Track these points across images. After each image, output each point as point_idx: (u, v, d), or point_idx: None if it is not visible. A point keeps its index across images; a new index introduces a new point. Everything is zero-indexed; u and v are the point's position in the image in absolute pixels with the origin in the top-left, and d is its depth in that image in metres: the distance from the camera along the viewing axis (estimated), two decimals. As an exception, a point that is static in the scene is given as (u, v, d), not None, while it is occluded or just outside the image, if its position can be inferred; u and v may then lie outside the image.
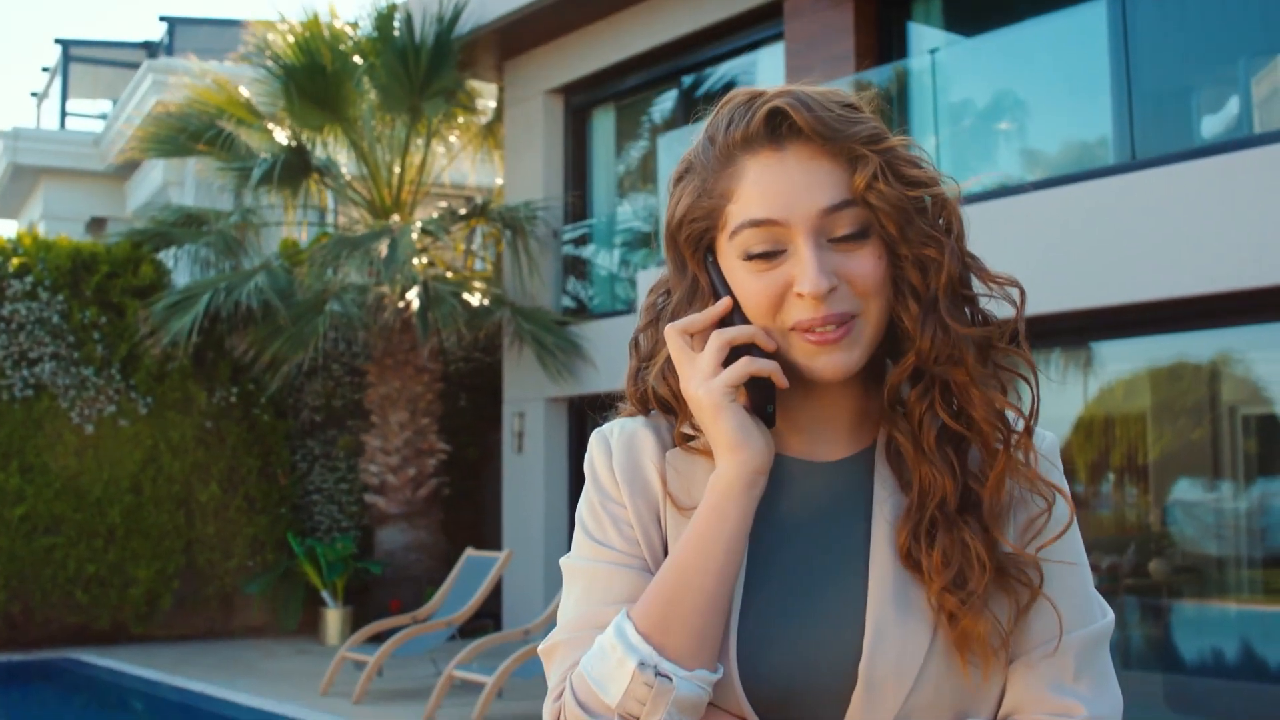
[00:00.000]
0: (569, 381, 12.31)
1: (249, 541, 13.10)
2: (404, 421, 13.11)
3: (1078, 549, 1.45)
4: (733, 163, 1.40)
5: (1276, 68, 7.43)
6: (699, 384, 1.38)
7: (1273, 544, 7.74)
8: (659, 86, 12.77)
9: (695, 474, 1.44)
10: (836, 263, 1.36)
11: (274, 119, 13.38)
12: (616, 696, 1.30)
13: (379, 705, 9.18)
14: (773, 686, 1.35)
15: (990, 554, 1.35)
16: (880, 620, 1.35)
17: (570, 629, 1.41)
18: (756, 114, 1.39)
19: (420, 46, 12.65)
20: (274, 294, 12.08)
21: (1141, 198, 7.18)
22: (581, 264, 13.31)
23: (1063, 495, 1.41)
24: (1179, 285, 7.01)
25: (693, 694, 1.30)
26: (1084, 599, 1.43)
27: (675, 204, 1.46)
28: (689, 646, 1.31)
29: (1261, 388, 7.87)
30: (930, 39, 10.16)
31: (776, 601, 1.39)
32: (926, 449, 1.39)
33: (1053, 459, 1.46)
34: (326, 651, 11.93)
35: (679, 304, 1.46)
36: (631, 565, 1.42)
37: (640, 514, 1.44)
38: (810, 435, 1.47)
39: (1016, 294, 1.44)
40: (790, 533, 1.43)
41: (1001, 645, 1.35)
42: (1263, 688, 7.57)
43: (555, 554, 12.65)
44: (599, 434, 1.51)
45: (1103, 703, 1.38)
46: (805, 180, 1.36)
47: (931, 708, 1.34)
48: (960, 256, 1.41)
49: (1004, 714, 1.39)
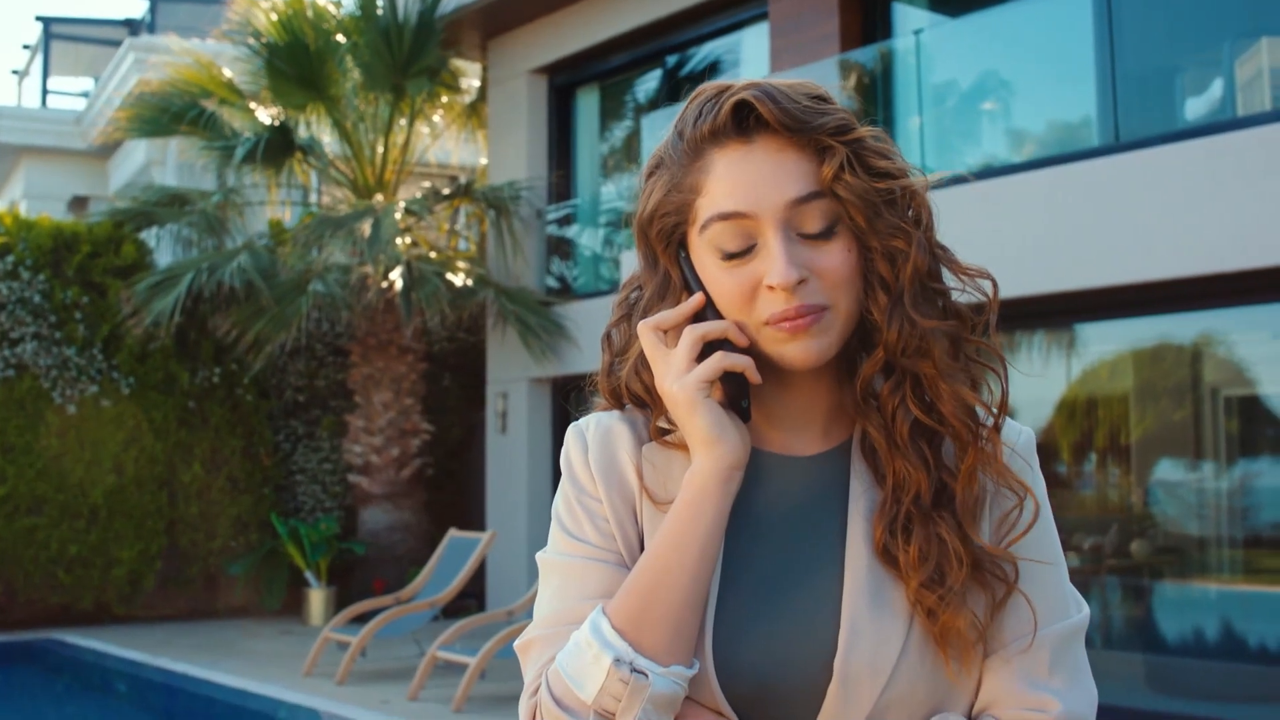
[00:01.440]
0: (552, 362, 12.30)
1: (232, 522, 13.08)
2: (387, 402, 13.09)
3: (1053, 545, 1.45)
4: (701, 156, 1.40)
5: (1260, 50, 7.43)
6: (673, 380, 1.37)
7: (1253, 524, 7.77)
8: (643, 66, 12.74)
9: (671, 468, 1.43)
10: (806, 256, 1.36)
11: (256, 98, 13.32)
12: (592, 693, 1.30)
13: (362, 686, 9.18)
14: (748, 682, 1.35)
15: (966, 548, 1.35)
16: (855, 615, 1.35)
17: (546, 625, 1.40)
18: (723, 107, 1.38)
19: (404, 25, 12.59)
20: (257, 274, 12.04)
21: (1125, 180, 7.19)
22: (565, 244, 13.28)
23: (1030, 494, 1.41)
24: (1162, 267, 7.02)
25: (668, 690, 1.30)
26: (1059, 594, 1.42)
27: (646, 199, 1.45)
28: (664, 642, 1.31)
29: (1243, 369, 7.90)
30: (915, 19, 10.14)
31: (752, 597, 1.39)
32: (900, 443, 1.39)
33: (1028, 455, 1.46)
34: (310, 632, 11.92)
35: (651, 299, 1.46)
36: (607, 560, 1.41)
37: (616, 508, 1.43)
38: (786, 430, 1.46)
39: (989, 286, 1.43)
40: (766, 528, 1.42)
41: (979, 639, 1.35)
42: (1243, 668, 7.61)
43: (539, 534, 12.65)
44: (574, 428, 1.50)
45: (1077, 697, 1.38)
46: (773, 172, 1.36)
47: (907, 702, 1.34)
48: (929, 248, 1.40)
49: (979, 709, 1.39)
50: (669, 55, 12.39)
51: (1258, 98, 7.39)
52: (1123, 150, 7.28)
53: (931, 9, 10.22)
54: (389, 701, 8.58)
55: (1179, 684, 7.67)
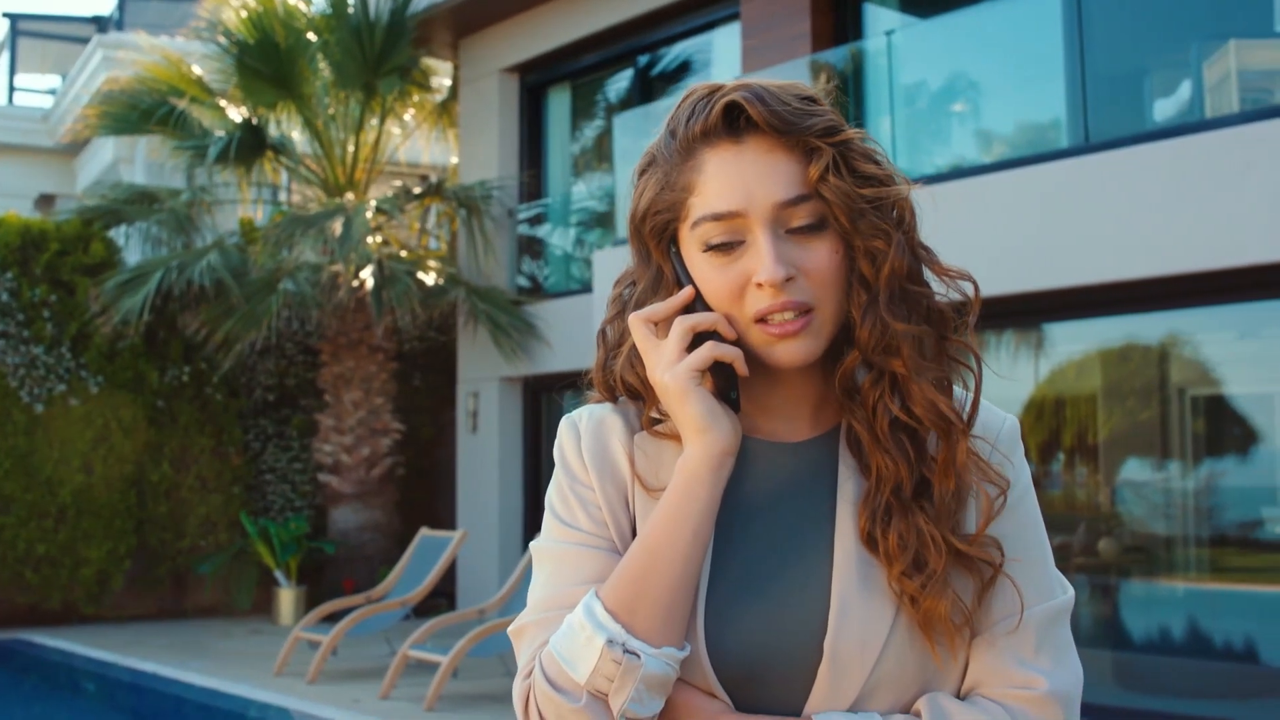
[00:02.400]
0: (523, 361, 12.30)
1: (201, 521, 13.03)
2: (358, 401, 13.07)
3: (1037, 529, 1.48)
4: (693, 155, 1.43)
5: (1228, 52, 7.50)
6: (664, 369, 1.40)
7: (1219, 523, 7.83)
8: (615, 66, 12.75)
9: (663, 457, 1.47)
10: (794, 254, 1.39)
11: (226, 96, 13.27)
12: (585, 674, 1.33)
13: (333, 685, 9.16)
14: (739, 662, 1.38)
15: (945, 539, 1.38)
16: (845, 596, 1.38)
17: (539, 609, 1.43)
18: (714, 108, 1.42)
19: (375, 23, 12.58)
20: (227, 272, 12.00)
21: (1094, 181, 7.24)
22: (536, 243, 13.28)
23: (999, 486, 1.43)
24: (1129, 267, 7.08)
25: (660, 671, 1.33)
26: (1044, 576, 1.46)
27: (639, 196, 1.49)
28: (656, 624, 1.34)
29: (1209, 369, 7.96)
30: (886, 20, 10.19)
31: (742, 579, 1.42)
32: (880, 436, 1.42)
33: (1010, 445, 1.49)
34: (280, 632, 11.89)
35: (643, 293, 1.49)
36: (599, 546, 1.44)
37: (608, 496, 1.47)
38: (775, 417, 1.49)
39: (970, 288, 1.47)
40: (755, 512, 1.45)
41: (964, 623, 1.38)
42: (1210, 665, 7.68)
43: (510, 534, 12.65)
44: (568, 419, 1.54)
45: (1063, 675, 1.41)
46: (763, 172, 1.39)
47: (896, 682, 1.38)
48: (910, 249, 1.43)
49: (967, 688, 1.42)
50: (640, 55, 12.40)
51: (1226, 100, 7.46)
52: (1092, 151, 7.33)
53: (902, 10, 10.26)
54: (360, 700, 8.57)
55: (1146, 681, 7.73)
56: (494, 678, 9.25)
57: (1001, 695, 1.40)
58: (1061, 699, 1.40)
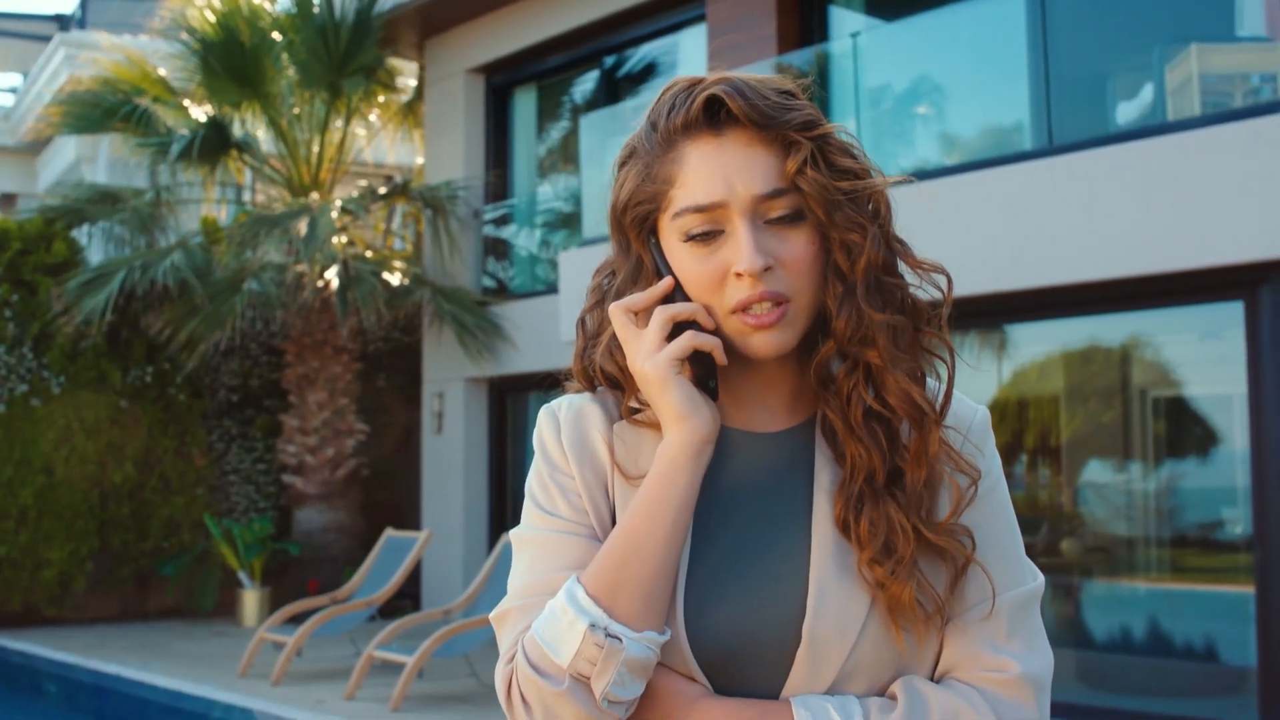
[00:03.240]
0: (489, 362, 12.29)
1: (164, 522, 12.96)
2: (322, 401, 13.03)
3: (1008, 518, 1.52)
4: (674, 148, 1.45)
5: (1190, 56, 7.57)
6: (645, 358, 1.42)
7: (1180, 524, 7.91)
8: (581, 67, 12.76)
9: (641, 445, 1.49)
10: (772, 245, 1.42)
11: (190, 95, 13.22)
12: (568, 657, 1.35)
13: (298, 686, 9.13)
14: (719, 646, 1.41)
15: (915, 526, 1.41)
16: (822, 581, 1.41)
17: (521, 595, 1.45)
18: (695, 101, 1.44)
19: (340, 23, 12.55)
20: (190, 272, 11.95)
21: (1056, 183, 7.30)
22: (502, 244, 13.28)
23: (970, 476, 1.47)
24: (1091, 269, 7.14)
25: (642, 655, 1.35)
26: (1015, 563, 1.50)
27: (620, 187, 1.50)
28: (638, 609, 1.36)
29: (1170, 370, 8.03)
30: (851, 23, 10.24)
31: (721, 565, 1.44)
32: (854, 426, 1.45)
33: (981, 436, 1.53)
34: (244, 633, 11.84)
35: (623, 283, 1.51)
36: (580, 533, 1.46)
37: (588, 484, 1.48)
38: (751, 408, 1.52)
39: (944, 281, 1.51)
40: (733, 500, 1.48)
41: (936, 610, 1.41)
42: (1170, 663, 7.75)
43: (475, 535, 12.64)
44: (547, 409, 1.55)
45: (1034, 659, 1.44)
46: (743, 165, 1.42)
47: (872, 666, 1.41)
48: (885, 242, 1.46)
49: (941, 672, 1.45)
50: (607, 56, 12.42)
51: (1187, 103, 7.52)
52: (1055, 154, 7.39)
53: (868, 13, 10.32)
54: (325, 701, 8.55)
55: (1108, 679, 7.79)
56: (460, 678, 9.25)
57: (975, 679, 1.43)
58: (1033, 682, 1.43)
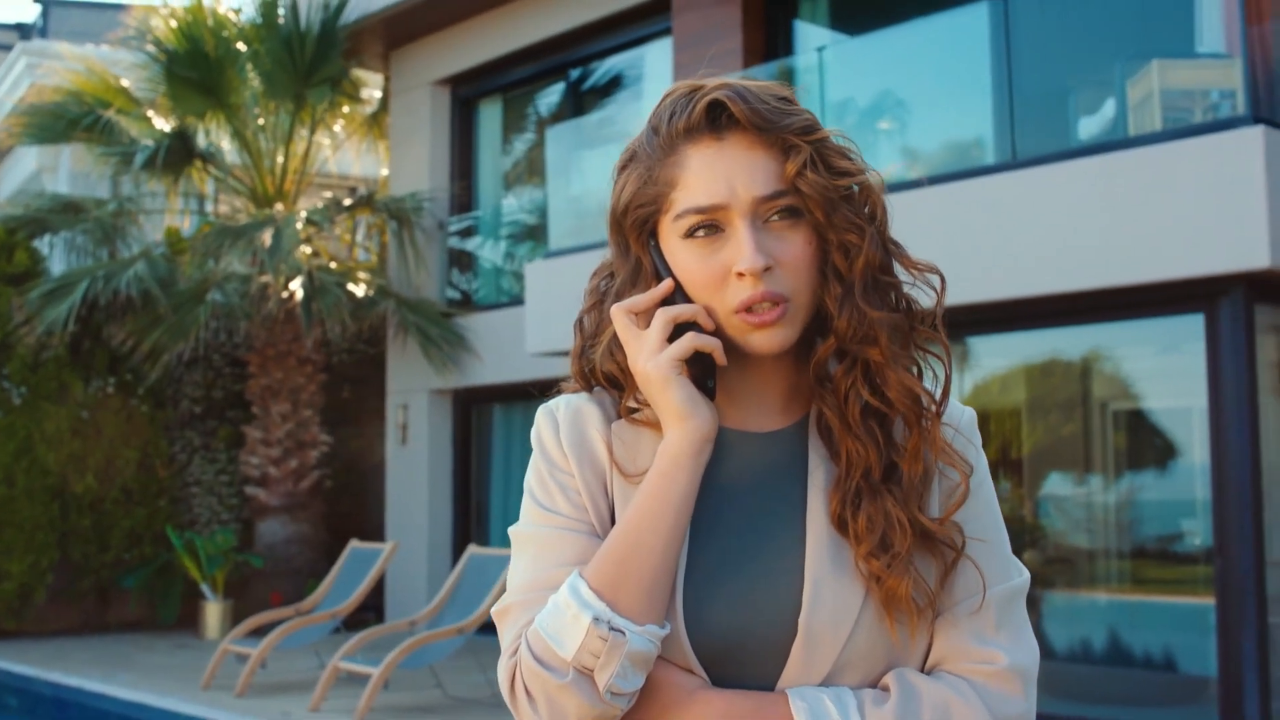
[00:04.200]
0: (454, 374, 12.30)
1: (126, 534, 12.89)
2: (286, 413, 13.00)
3: (995, 515, 1.56)
4: (675, 151, 1.49)
5: (1151, 72, 7.66)
6: (647, 359, 1.46)
7: (1139, 536, 7.99)
8: (546, 79, 12.80)
9: (640, 444, 1.52)
10: (771, 245, 1.46)
11: (153, 106, 13.18)
12: (572, 650, 1.38)
13: (262, 698, 9.10)
14: (717, 640, 1.44)
15: (912, 520, 1.46)
16: (818, 576, 1.45)
17: (523, 591, 1.48)
18: (697, 105, 1.48)
19: (306, 34, 12.54)
20: (154, 283, 11.90)
21: (1019, 197, 7.36)
22: (467, 256, 13.29)
23: (962, 472, 1.51)
24: (1053, 282, 7.20)
25: (644, 648, 1.39)
26: (1003, 559, 1.54)
27: (620, 190, 1.54)
28: (640, 603, 1.40)
29: (1130, 383, 8.12)
30: (816, 37, 10.31)
31: (719, 561, 1.48)
32: (851, 423, 1.49)
33: (970, 433, 1.57)
34: (206, 646, 11.78)
35: (623, 285, 1.55)
36: (579, 530, 1.49)
37: (588, 482, 1.52)
38: (746, 408, 1.55)
39: (937, 281, 1.56)
40: (730, 498, 1.51)
41: (928, 604, 1.45)
42: (1130, 673, 7.83)
43: (439, 547, 12.63)
44: (545, 409, 1.58)
45: (1021, 652, 1.49)
46: (744, 168, 1.46)
47: (865, 659, 1.44)
48: (882, 243, 1.51)
49: (931, 664, 1.49)
50: (572, 69, 12.46)
51: (1149, 118, 7.61)
52: (1018, 167, 7.46)
53: (833, 27, 10.40)
54: (290, 713, 8.52)
55: (1069, 688, 7.86)
56: (425, 689, 9.23)
57: (964, 670, 1.47)
58: (1020, 673, 1.47)
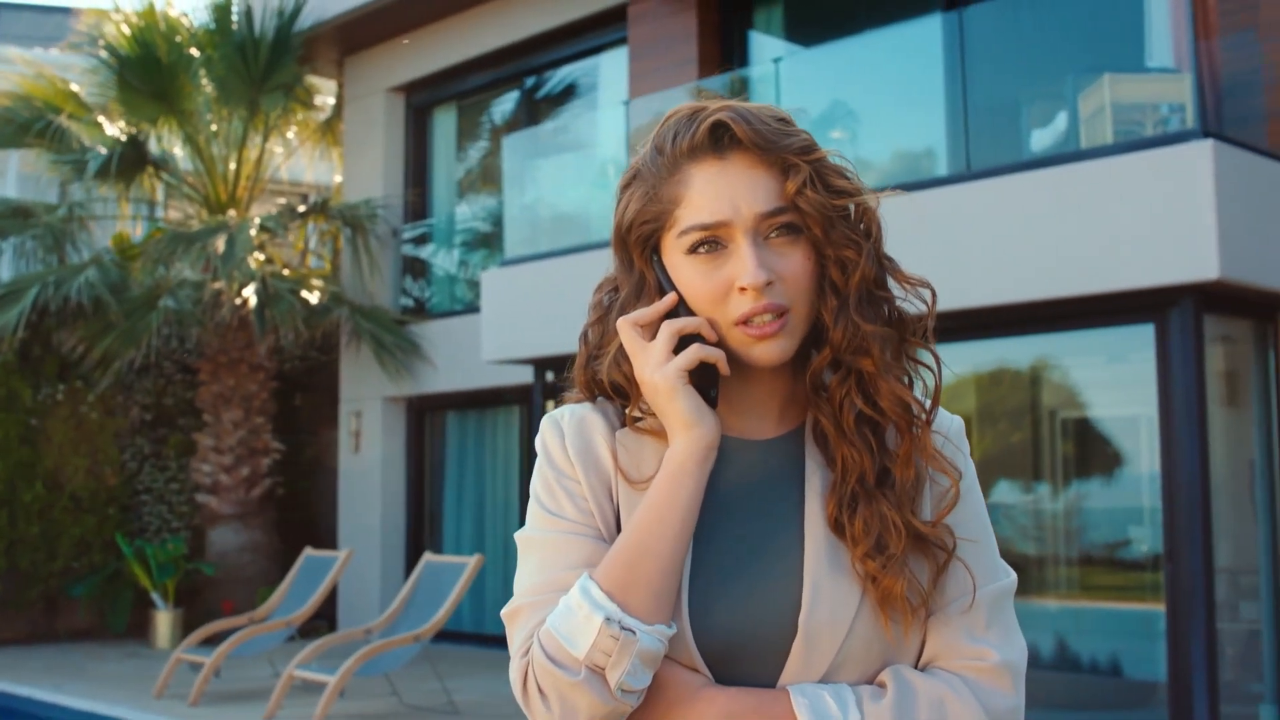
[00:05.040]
0: (407, 381, 12.29)
1: (75, 542, 12.77)
2: (238, 420, 12.93)
3: (983, 518, 1.63)
4: (679, 170, 1.55)
5: (1103, 86, 7.78)
6: (654, 369, 1.52)
7: (1087, 543, 8.10)
8: (501, 87, 12.82)
9: (643, 452, 1.58)
10: (772, 261, 1.52)
11: (104, 110, 13.10)
12: (584, 649, 1.43)
13: (216, 707, 9.05)
14: (720, 639, 1.50)
15: (905, 523, 1.52)
16: (816, 578, 1.51)
17: (533, 593, 1.53)
18: (701, 126, 1.54)
19: (260, 40, 12.50)
20: (105, 289, 11.83)
21: (972, 207, 7.45)
22: (420, 264, 13.28)
23: (952, 477, 1.57)
24: (1005, 292, 7.28)
25: (653, 647, 1.44)
26: (991, 560, 1.61)
27: (624, 208, 1.60)
28: (649, 604, 1.45)
29: (1077, 392, 8.22)
30: (771, 48, 10.39)
31: (721, 564, 1.54)
32: (846, 430, 1.55)
33: (959, 440, 1.64)
34: (157, 655, 11.70)
35: (627, 299, 1.60)
36: (586, 534, 1.55)
37: (593, 488, 1.57)
38: (745, 416, 1.61)
39: (928, 295, 1.63)
40: (730, 504, 1.57)
41: (921, 604, 1.52)
42: (1081, 678, 7.93)
43: (392, 554, 12.61)
44: (550, 418, 1.63)
45: (1011, 648, 1.57)
46: (746, 186, 1.52)
47: (862, 657, 1.51)
48: (877, 258, 1.58)
49: (925, 661, 1.56)
50: (527, 77, 12.49)
51: (1100, 131, 7.73)
52: (971, 179, 7.54)
53: (787, 38, 10.48)
54: (245, 721, 8.50)
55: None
56: (381, 697, 9.22)
57: (957, 667, 1.54)
58: (1011, 669, 1.55)
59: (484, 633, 12.08)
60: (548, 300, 9.44)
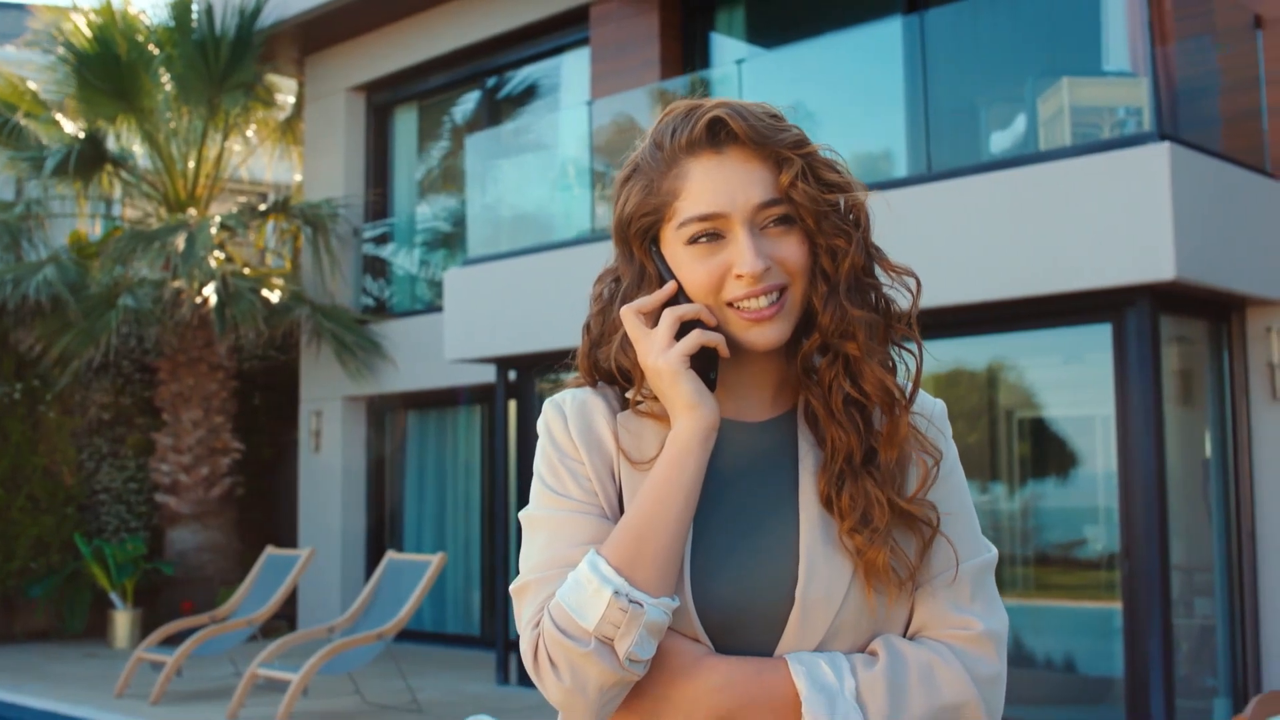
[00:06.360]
0: (368, 380, 12.28)
1: (32, 542, 12.70)
2: (197, 420, 12.89)
3: (965, 496, 1.72)
4: (677, 164, 1.63)
5: (1061, 89, 7.88)
6: (657, 355, 1.59)
7: (1044, 542, 8.20)
8: (462, 87, 12.84)
9: (644, 434, 1.65)
10: (769, 248, 1.60)
11: (61, 108, 13.02)
12: (594, 621, 1.50)
13: (178, 706, 9.04)
14: (721, 611, 1.58)
15: (889, 499, 1.60)
16: (811, 551, 1.59)
17: (540, 569, 1.59)
18: (699, 122, 1.62)
19: (220, 38, 12.47)
20: (64, 287, 11.77)
21: (930, 208, 7.51)
22: (381, 263, 13.27)
23: (934, 458, 1.66)
24: (963, 293, 7.35)
25: (659, 618, 1.51)
26: (974, 536, 1.70)
27: (624, 202, 1.67)
28: (655, 578, 1.52)
29: (1034, 392, 8.32)
30: (732, 50, 10.46)
31: (721, 540, 1.61)
32: (835, 412, 1.63)
33: (941, 423, 1.73)
34: (116, 655, 11.65)
35: (629, 288, 1.68)
36: (590, 513, 1.62)
37: (596, 468, 1.64)
38: (740, 400, 1.69)
39: (913, 283, 1.70)
40: (728, 483, 1.65)
41: (908, 577, 1.60)
42: (1038, 674, 8.03)
43: (352, 553, 12.60)
44: (552, 402, 1.71)
45: (994, 618, 1.64)
46: (742, 179, 1.60)
47: (854, 627, 1.59)
48: (866, 248, 1.66)
49: (913, 631, 1.64)
50: (489, 77, 12.51)
51: (1058, 133, 7.82)
52: (930, 180, 7.61)
53: (749, 40, 10.55)
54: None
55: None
56: (344, 695, 9.23)
57: (944, 636, 1.62)
58: (993, 638, 1.63)
59: (445, 632, 12.09)
60: (510, 299, 9.47)
